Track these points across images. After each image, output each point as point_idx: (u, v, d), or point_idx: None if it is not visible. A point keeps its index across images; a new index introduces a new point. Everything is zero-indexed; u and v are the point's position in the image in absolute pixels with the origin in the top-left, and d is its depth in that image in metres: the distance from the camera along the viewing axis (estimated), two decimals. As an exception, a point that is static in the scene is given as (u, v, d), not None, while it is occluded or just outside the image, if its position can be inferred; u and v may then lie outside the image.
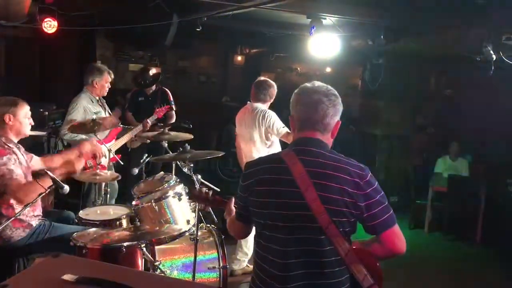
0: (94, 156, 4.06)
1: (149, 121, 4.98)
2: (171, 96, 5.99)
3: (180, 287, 1.26)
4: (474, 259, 5.96)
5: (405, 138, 7.89)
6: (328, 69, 11.17)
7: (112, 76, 4.71)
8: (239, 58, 10.87)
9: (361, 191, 1.91)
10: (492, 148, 9.46)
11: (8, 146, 3.24)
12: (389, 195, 7.72)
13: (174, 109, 5.93)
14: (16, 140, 3.35)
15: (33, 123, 3.42)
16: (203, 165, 7.82)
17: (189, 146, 3.26)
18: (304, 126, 2.03)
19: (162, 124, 5.60)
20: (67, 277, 1.36)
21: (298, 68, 11.62)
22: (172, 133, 3.94)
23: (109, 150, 4.17)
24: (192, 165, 3.28)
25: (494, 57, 5.12)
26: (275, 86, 4.59)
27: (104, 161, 4.57)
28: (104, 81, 4.63)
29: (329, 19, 5.73)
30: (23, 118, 3.33)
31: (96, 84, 4.61)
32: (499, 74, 5.40)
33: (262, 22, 6.93)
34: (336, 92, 2.08)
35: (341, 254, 1.93)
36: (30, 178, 3.27)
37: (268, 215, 1.99)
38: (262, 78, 4.69)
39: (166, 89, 6.21)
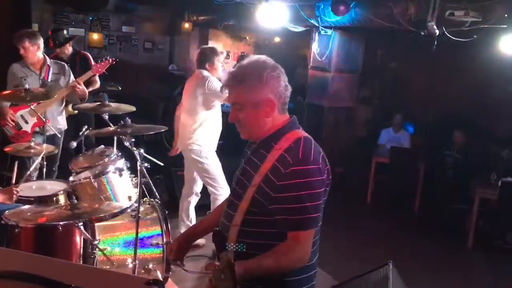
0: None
1: (80, 81, 4.45)
2: (92, 61, 5.50)
3: (105, 277, 1.18)
4: (411, 228, 6.22)
5: (351, 110, 8.01)
6: (277, 39, 11.09)
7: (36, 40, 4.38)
8: (187, 25, 10.55)
9: None
10: (433, 121, 9.85)
11: None
12: (335, 166, 7.94)
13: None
14: None
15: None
16: (148, 136, 7.63)
17: (129, 120, 3.11)
18: (286, 109, 1.99)
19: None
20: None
21: (247, 37, 11.46)
22: (113, 104, 3.75)
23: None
24: (133, 140, 3.14)
25: (437, 32, 5.22)
26: (222, 54, 4.40)
27: (26, 127, 4.37)
28: (25, 47, 4.32)
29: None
30: None
31: (20, 50, 4.34)
32: (441, 49, 5.55)
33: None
34: None
35: None
36: None
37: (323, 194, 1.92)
38: (209, 45, 4.53)
39: (87, 53, 5.80)
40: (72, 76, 4.64)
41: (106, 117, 3.78)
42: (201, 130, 4.28)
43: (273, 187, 1.80)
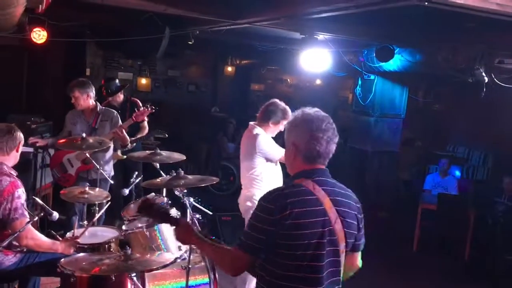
0: None
1: (124, 127, 4.59)
2: (141, 106, 5.63)
3: None
4: (462, 279, 5.96)
5: (395, 154, 7.91)
6: (318, 81, 11.21)
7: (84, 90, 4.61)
8: (230, 69, 10.83)
9: (361, 215, 2.15)
10: (480, 165, 9.57)
11: (15, 176, 3.14)
12: (379, 210, 7.80)
13: (147, 120, 5.48)
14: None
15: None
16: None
17: (182, 172, 3.19)
18: (321, 158, 2.09)
19: (133, 139, 5.24)
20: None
21: (288, 80, 11.63)
22: (164, 153, 3.86)
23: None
24: (185, 191, 3.21)
25: (486, 79, 5.15)
26: (286, 111, 4.04)
27: (72, 170, 4.62)
28: (75, 97, 4.56)
29: (322, 36, 5.73)
30: (21, 146, 3.25)
31: (72, 99, 4.58)
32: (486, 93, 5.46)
33: (254, 36, 6.90)
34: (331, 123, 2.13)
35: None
36: None
37: (301, 246, 1.98)
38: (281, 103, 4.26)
39: (136, 99, 5.99)
40: (120, 123, 4.77)
41: (158, 165, 3.88)
42: (257, 184, 4.06)
43: None
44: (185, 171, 7.95)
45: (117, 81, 5.96)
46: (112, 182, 4.42)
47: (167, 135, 5.85)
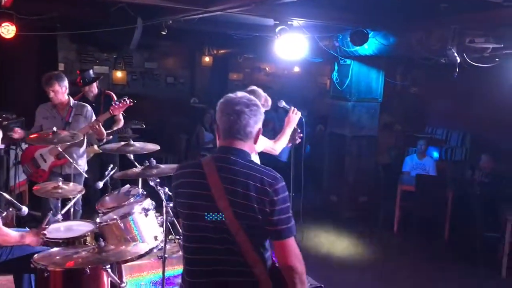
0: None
1: (100, 120, 4.50)
2: (116, 99, 5.41)
3: None
4: (442, 258, 6.05)
5: (373, 138, 7.96)
6: (296, 69, 11.20)
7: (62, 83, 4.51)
8: (207, 59, 10.76)
9: (268, 197, 2.03)
10: (457, 145, 9.71)
11: None
12: (360, 195, 7.86)
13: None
14: None
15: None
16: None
17: (155, 161, 3.16)
18: (227, 135, 2.16)
19: (109, 131, 5.14)
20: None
21: (266, 68, 11.60)
22: (138, 144, 3.82)
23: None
24: (158, 180, 3.18)
25: (458, 59, 5.19)
26: (266, 99, 4.08)
27: (45, 166, 4.53)
28: (52, 90, 4.45)
29: (296, 22, 5.71)
30: None
31: (47, 92, 4.49)
32: (462, 73, 5.51)
33: (229, 25, 6.85)
34: (257, 102, 2.21)
35: (249, 262, 2.06)
36: None
37: (187, 216, 2.14)
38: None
39: (111, 92, 5.91)
40: (94, 117, 4.71)
41: (132, 157, 3.83)
42: None
43: None
44: (165, 162, 7.90)
45: (91, 71, 5.87)
46: (86, 176, 4.37)
47: (144, 126, 5.78)
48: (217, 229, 2.06)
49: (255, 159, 4.20)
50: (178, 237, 3.75)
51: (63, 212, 3.63)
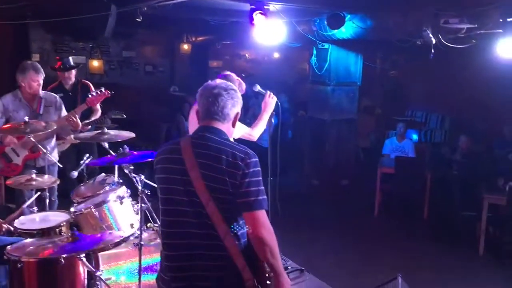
0: None
1: (77, 112, 4.40)
2: (93, 89, 5.37)
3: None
4: (421, 238, 6.14)
5: (353, 122, 8.00)
6: (276, 55, 11.16)
7: (40, 73, 4.39)
8: (186, 46, 10.64)
9: (239, 171, 2.11)
10: (436, 127, 9.82)
11: None
12: (341, 178, 7.91)
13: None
14: None
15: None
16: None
17: (127, 148, 3.12)
18: (205, 116, 2.28)
19: (87, 121, 4.97)
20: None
21: (246, 55, 11.54)
22: (113, 132, 3.76)
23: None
24: (132, 167, 3.14)
25: (433, 40, 5.22)
26: (240, 83, 3.96)
27: (17, 160, 4.40)
28: (30, 80, 4.34)
29: (272, 6, 5.66)
30: None
31: (22, 82, 4.36)
32: (441, 55, 5.54)
33: (205, 10, 6.76)
34: (235, 88, 2.33)
35: (219, 233, 2.11)
36: None
37: (164, 190, 2.24)
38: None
39: (87, 82, 5.76)
40: (63, 108, 4.61)
41: (106, 145, 3.78)
42: None
43: None
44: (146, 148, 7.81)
45: (71, 59, 5.74)
46: (61, 166, 4.30)
47: (124, 116, 5.69)
48: (191, 203, 2.14)
49: None
50: (156, 224, 3.73)
51: (29, 202, 3.55)
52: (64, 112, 4.56)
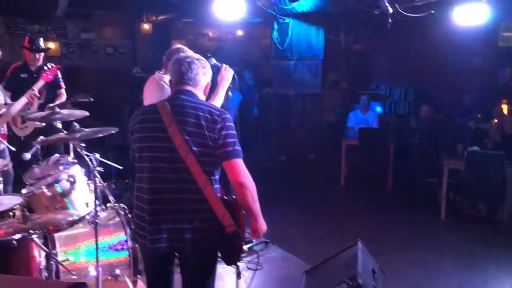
0: None
1: (35, 89, 4.29)
2: (59, 73, 5.28)
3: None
4: (386, 206, 6.25)
5: (318, 96, 8.02)
6: (240, 32, 11.04)
7: None
8: (146, 26, 10.41)
9: (217, 125, 2.31)
10: (400, 98, 9.95)
11: None
12: (308, 153, 7.96)
13: (64, 87, 5.34)
14: None
15: None
16: (117, 140, 7.49)
17: (78, 125, 3.02)
18: (179, 82, 2.46)
19: (51, 105, 4.99)
20: None
21: (210, 33, 11.37)
22: (65, 111, 3.63)
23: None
24: (83, 144, 3.06)
25: (390, 9, 5.24)
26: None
27: None
28: None
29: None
30: None
31: None
32: (401, 26, 5.57)
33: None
34: (206, 60, 2.55)
35: (199, 184, 2.27)
36: None
37: (142, 149, 2.38)
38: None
39: (54, 65, 5.70)
40: (6, 95, 4.47)
41: (60, 125, 3.66)
42: None
43: None
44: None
45: (41, 40, 5.51)
46: (13, 149, 4.16)
47: (92, 99, 5.53)
48: (170, 159, 2.29)
49: None
50: (116, 204, 3.66)
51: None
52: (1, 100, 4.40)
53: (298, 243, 4.88)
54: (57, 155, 3.64)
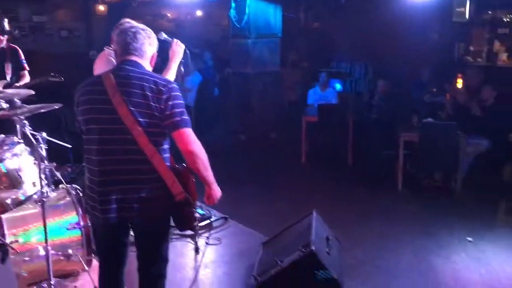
0: None
1: None
2: (22, 55, 5.36)
3: None
4: (345, 181, 6.34)
5: (278, 75, 8.01)
6: (199, 13, 10.89)
7: None
8: (101, 7, 10.11)
9: (163, 95, 2.28)
10: (359, 77, 10.06)
11: None
12: (269, 132, 7.97)
13: (28, 69, 5.33)
14: None
15: None
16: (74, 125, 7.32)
17: (20, 101, 2.92)
18: (124, 52, 2.41)
19: (17, 85, 4.92)
20: None
21: (168, 14, 11.17)
22: (9, 91, 3.52)
23: None
24: (25, 122, 2.96)
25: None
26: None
27: None
28: None
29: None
30: None
31: None
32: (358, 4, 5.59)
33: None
34: (151, 31, 2.51)
35: (147, 154, 2.26)
36: None
37: (87, 121, 2.34)
38: None
39: (17, 47, 5.52)
40: None
41: (4, 105, 3.53)
42: None
43: None
44: (65, 117, 7.46)
45: (6, 21, 5.29)
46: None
47: (62, 79, 5.38)
48: (116, 130, 2.28)
49: None
50: (67, 185, 3.58)
51: None
52: None
53: (258, 218, 4.90)
54: (2, 135, 3.52)
